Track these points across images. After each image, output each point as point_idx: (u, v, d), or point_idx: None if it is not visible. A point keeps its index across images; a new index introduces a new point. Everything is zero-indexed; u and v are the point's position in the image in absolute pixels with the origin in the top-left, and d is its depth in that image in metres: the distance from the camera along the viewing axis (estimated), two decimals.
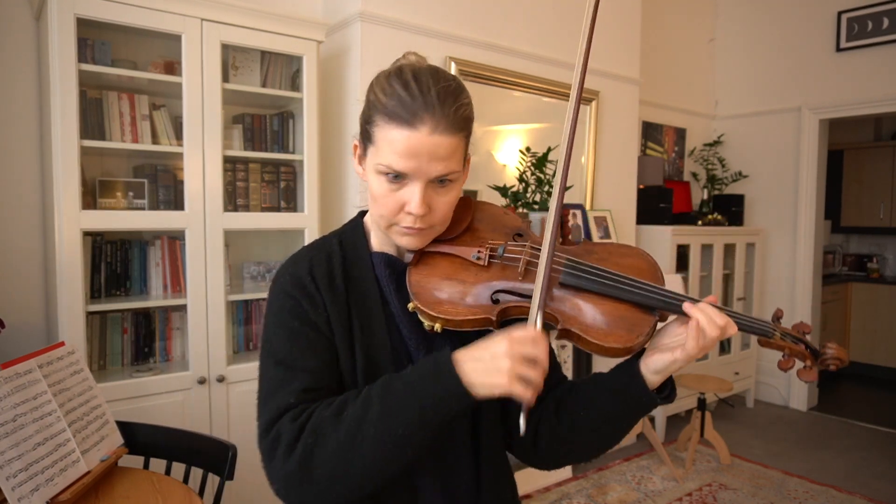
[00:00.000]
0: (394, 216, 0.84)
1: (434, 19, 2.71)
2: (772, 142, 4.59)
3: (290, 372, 0.81)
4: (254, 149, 2.38)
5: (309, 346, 0.83)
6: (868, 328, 5.52)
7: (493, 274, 0.87)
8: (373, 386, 0.77)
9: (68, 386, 1.44)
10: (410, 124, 0.78)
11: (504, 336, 0.73)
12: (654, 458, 3.44)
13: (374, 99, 0.83)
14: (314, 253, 0.90)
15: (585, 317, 0.84)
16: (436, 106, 0.79)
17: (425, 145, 0.79)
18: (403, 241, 0.87)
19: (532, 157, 2.97)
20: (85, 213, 1.90)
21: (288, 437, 0.76)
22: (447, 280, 0.87)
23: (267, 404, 0.81)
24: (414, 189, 0.81)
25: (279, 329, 0.84)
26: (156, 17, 1.98)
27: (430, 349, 0.89)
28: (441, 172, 0.81)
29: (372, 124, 0.82)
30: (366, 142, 0.85)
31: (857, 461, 3.51)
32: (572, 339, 0.84)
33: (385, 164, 0.80)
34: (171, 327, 2.24)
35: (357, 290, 0.88)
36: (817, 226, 4.40)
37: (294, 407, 0.79)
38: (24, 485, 1.21)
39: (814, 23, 4.32)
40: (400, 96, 0.79)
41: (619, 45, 3.57)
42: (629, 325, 0.82)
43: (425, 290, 0.86)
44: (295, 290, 0.85)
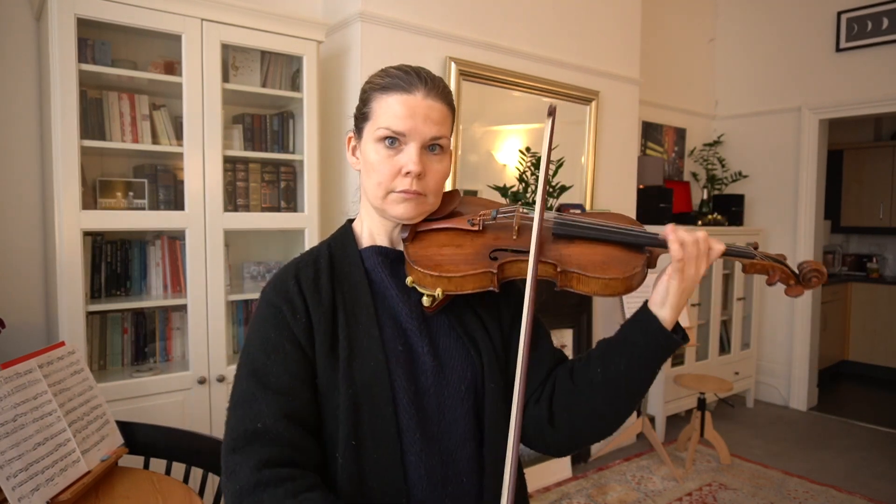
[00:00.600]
0: (391, 181, 0.88)
1: (434, 19, 2.71)
2: (772, 142, 4.59)
3: (262, 388, 0.83)
4: (254, 149, 2.38)
5: (284, 360, 0.85)
6: (868, 328, 5.52)
7: (488, 237, 0.93)
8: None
9: (68, 386, 1.44)
10: (406, 90, 0.87)
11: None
12: (654, 458, 3.44)
13: (369, 87, 0.92)
14: (302, 259, 0.95)
15: (582, 258, 0.88)
16: (426, 79, 0.89)
17: (420, 106, 0.87)
18: (400, 210, 0.89)
19: (532, 157, 2.97)
20: (85, 213, 1.90)
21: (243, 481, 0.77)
22: (445, 247, 0.91)
23: (234, 416, 0.83)
24: (410, 150, 0.87)
25: (257, 339, 0.87)
26: (156, 17, 1.98)
27: (429, 328, 0.92)
28: (434, 134, 0.88)
29: (367, 104, 0.91)
30: (361, 124, 0.92)
31: (857, 461, 3.51)
32: (572, 282, 0.87)
33: (384, 126, 0.87)
34: (171, 327, 2.24)
35: (345, 284, 0.92)
36: (817, 226, 4.40)
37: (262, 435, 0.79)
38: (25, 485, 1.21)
39: (814, 23, 4.32)
40: (394, 74, 0.89)
41: (619, 45, 3.57)
42: (623, 262, 0.88)
43: (425, 257, 0.89)
44: (277, 297, 0.89)
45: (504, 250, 0.90)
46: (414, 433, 0.85)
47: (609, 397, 0.88)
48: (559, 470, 3.12)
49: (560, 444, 0.94)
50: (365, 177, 0.92)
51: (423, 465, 0.85)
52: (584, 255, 0.89)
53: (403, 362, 0.88)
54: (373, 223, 0.97)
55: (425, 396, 0.88)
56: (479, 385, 0.91)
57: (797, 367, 4.47)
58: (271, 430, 0.80)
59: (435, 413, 0.88)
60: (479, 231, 0.93)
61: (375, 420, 0.84)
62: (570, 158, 3.28)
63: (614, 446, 3.53)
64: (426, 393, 0.88)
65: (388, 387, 0.85)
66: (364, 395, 0.84)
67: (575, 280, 0.86)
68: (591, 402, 0.89)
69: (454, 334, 0.93)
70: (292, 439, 0.81)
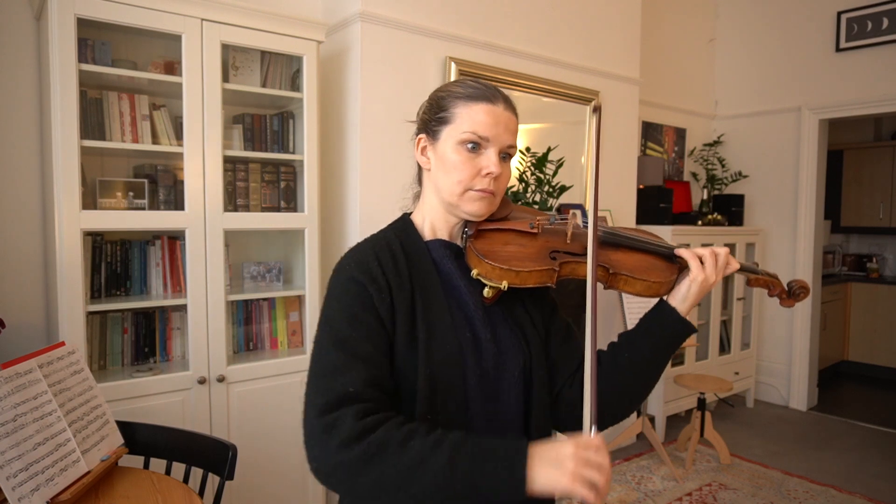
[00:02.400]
0: (471, 181, 0.97)
1: (434, 19, 2.71)
2: (772, 142, 4.59)
3: (349, 357, 0.88)
4: (254, 149, 2.38)
5: (368, 334, 0.91)
6: (868, 328, 5.52)
7: (545, 239, 1.04)
8: (448, 433, 0.83)
9: (68, 386, 1.44)
10: (490, 101, 0.98)
11: (572, 441, 0.82)
12: (654, 458, 3.44)
13: (447, 93, 1.01)
14: (375, 242, 1.02)
15: (629, 264, 1.03)
16: (501, 93, 1.01)
17: (503, 116, 0.98)
18: (475, 207, 0.99)
19: (532, 157, 2.97)
20: (85, 213, 1.90)
21: (348, 432, 0.81)
22: (508, 245, 1.02)
23: (323, 384, 0.87)
24: (490, 154, 0.98)
25: (341, 312, 0.93)
26: (156, 17, 1.98)
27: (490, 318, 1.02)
28: (511, 142, 1.00)
29: (448, 109, 0.99)
30: (439, 126, 1.00)
31: (857, 461, 3.51)
32: (620, 283, 1.02)
33: (470, 131, 0.96)
34: (171, 327, 2.24)
35: (417, 270, 1.00)
36: (817, 226, 4.40)
37: (355, 398, 0.85)
38: (25, 485, 1.22)
39: (814, 23, 4.32)
40: (475, 86, 1.00)
41: (619, 45, 3.57)
42: (662, 269, 1.04)
43: (493, 252, 0.99)
44: (362, 274, 0.95)
45: (560, 252, 1.02)
46: (479, 409, 0.96)
47: (635, 378, 1.03)
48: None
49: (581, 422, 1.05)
50: (442, 175, 1.00)
51: None
52: (631, 262, 1.04)
53: (471, 347, 0.97)
54: (436, 218, 1.05)
55: (486, 378, 0.98)
56: (528, 371, 1.02)
57: (797, 367, 4.47)
58: (362, 394, 0.86)
59: (493, 394, 0.98)
60: (536, 233, 1.04)
61: (448, 397, 0.93)
62: (570, 158, 3.28)
63: (614, 446, 3.53)
64: (487, 375, 0.98)
65: (460, 368, 0.95)
66: (440, 374, 0.93)
67: (622, 281, 1.02)
68: (619, 383, 1.02)
69: (508, 324, 1.03)
70: (379, 399, 0.88)
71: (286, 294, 2.45)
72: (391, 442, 0.80)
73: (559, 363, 1.08)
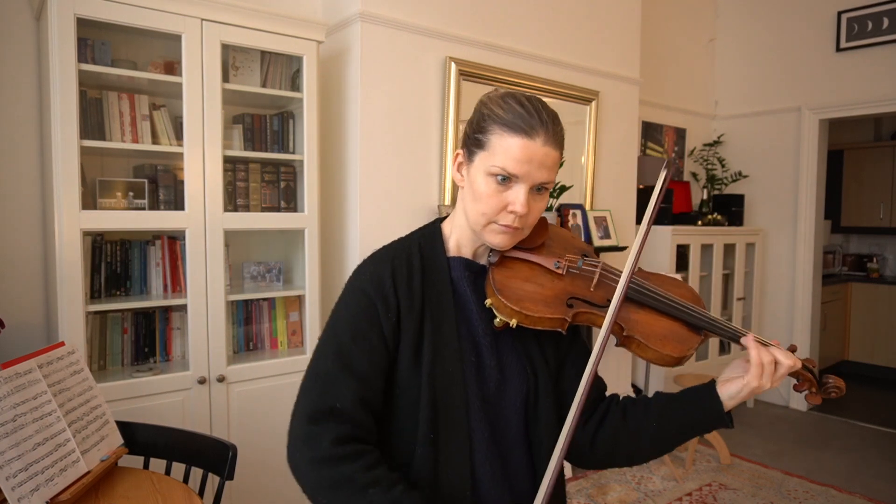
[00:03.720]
0: (495, 214, 0.94)
1: (434, 19, 2.71)
2: (772, 142, 4.59)
3: (346, 370, 0.91)
4: (254, 149, 2.37)
5: (369, 351, 0.92)
6: (868, 328, 5.52)
7: (567, 283, 0.99)
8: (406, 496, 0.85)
9: (68, 386, 1.44)
10: (528, 134, 0.90)
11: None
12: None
13: (489, 112, 0.94)
14: (396, 253, 1.00)
15: (646, 328, 0.97)
16: (548, 123, 0.92)
17: (538, 153, 0.91)
18: (497, 240, 0.96)
19: None
20: (85, 213, 1.90)
21: (322, 453, 0.85)
22: (528, 282, 0.97)
23: (315, 390, 0.90)
24: (519, 191, 0.92)
25: (347, 323, 0.94)
26: (156, 17, 1.98)
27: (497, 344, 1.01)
28: (545, 179, 0.93)
29: (486, 132, 0.93)
30: (475, 149, 0.95)
31: (857, 461, 3.51)
32: (632, 346, 0.97)
33: (500, 167, 0.91)
34: (171, 327, 2.24)
35: (433, 289, 0.98)
36: (817, 226, 4.40)
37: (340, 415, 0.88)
38: (24, 485, 1.21)
39: (814, 23, 4.32)
40: (517, 111, 0.92)
41: (619, 45, 3.57)
42: (681, 339, 0.97)
43: (509, 287, 0.95)
44: (373, 289, 0.95)
45: (580, 300, 0.97)
46: (482, 433, 0.96)
47: (653, 447, 1.01)
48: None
49: (591, 463, 1.07)
50: (470, 201, 0.96)
51: (487, 463, 0.96)
52: (649, 325, 0.98)
53: (474, 372, 0.97)
54: (462, 235, 1.03)
55: (488, 403, 0.98)
56: (532, 399, 1.01)
57: None
58: (347, 410, 0.88)
59: (495, 419, 0.98)
60: (561, 275, 0.99)
61: (450, 419, 0.93)
62: (570, 158, 3.28)
63: None
64: (489, 400, 0.98)
65: (462, 391, 0.95)
66: (441, 396, 0.93)
67: (635, 345, 0.96)
68: (635, 445, 1.01)
69: (516, 353, 1.02)
70: (363, 421, 0.90)
71: (286, 294, 2.45)
72: (354, 483, 0.84)
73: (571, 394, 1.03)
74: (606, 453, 1.03)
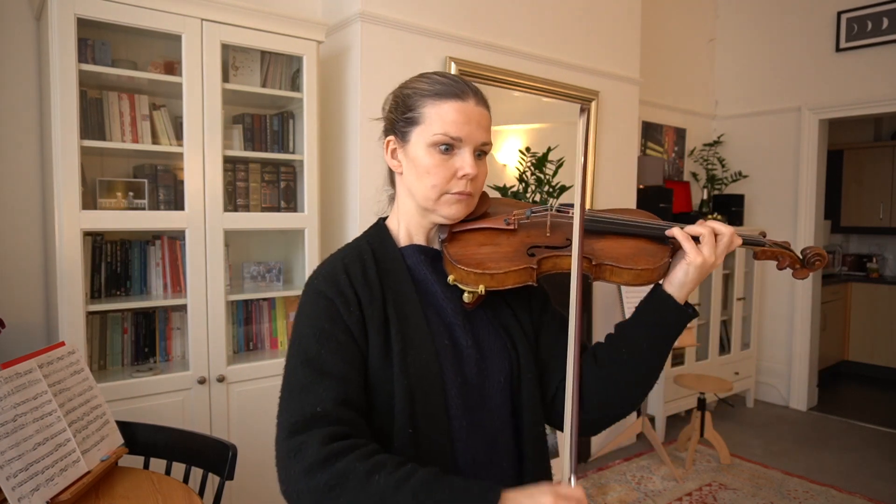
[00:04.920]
0: (446, 184, 0.93)
1: (434, 19, 2.71)
2: (772, 142, 4.59)
3: (318, 374, 0.85)
4: (254, 149, 2.38)
5: (338, 349, 0.87)
6: (868, 328, 5.52)
7: (522, 235, 0.98)
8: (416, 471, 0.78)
9: (68, 386, 1.44)
10: (460, 97, 0.92)
11: (551, 490, 0.77)
12: (654, 458, 3.44)
13: (413, 91, 0.95)
14: (346, 253, 0.98)
15: (613, 252, 0.95)
16: (473, 87, 0.95)
17: (475, 113, 0.93)
18: (453, 210, 0.95)
19: (532, 158, 2.97)
20: (85, 213, 1.90)
21: (312, 457, 0.79)
22: (483, 246, 0.96)
23: (292, 403, 0.85)
24: (465, 154, 0.93)
25: (309, 328, 0.89)
26: (156, 17, 1.98)
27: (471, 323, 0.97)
28: (485, 139, 0.95)
29: (416, 108, 0.93)
30: (408, 128, 0.94)
31: (857, 461, 3.51)
32: (605, 273, 0.95)
33: (441, 133, 0.91)
34: (171, 327, 2.24)
35: (391, 280, 0.95)
36: (817, 226, 4.40)
37: (323, 418, 0.82)
38: (25, 485, 1.21)
39: (814, 23, 4.32)
40: (442, 81, 0.94)
41: (619, 45, 3.57)
42: (651, 253, 0.95)
43: (466, 255, 0.94)
44: (329, 288, 0.91)
45: (540, 247, 0.96)
46: (461, 421, 0.92)
47: (634, 372, 0.96)
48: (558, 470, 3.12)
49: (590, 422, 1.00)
50: (415, 179, 0.95)
51: (469, 451, 0.92)
52: (616, 249, 0.96)
53: (451, 355, 0.93)
54: (411, 223, 1.00)
55: (469, 387, 0.94)
56: (516, 375, 0.97)
57: (797, 367, 4.47)
58: (330, 413, 0.83)
59: (478, 402, 0.94)
60: (514, 230, 0.98)
61: (428, 409, 0.89)
62: (571, 158, 3.28)
63: (614, 446, 3.52)
64: (470, 384, 0.94)
65: (439, 378, 0.91)
66: (418, 386, 0.89)
67: (608, 272, 0.94)
68: (621, 380, 0.96)
69: (492, 328, 0.99)
70: (351, 420, 0.84)
71: (286, 294, 2.45)
72: (355, 474, 0.77)
73: (551, 363, 1.02)
74: (597, 406, 0.98)
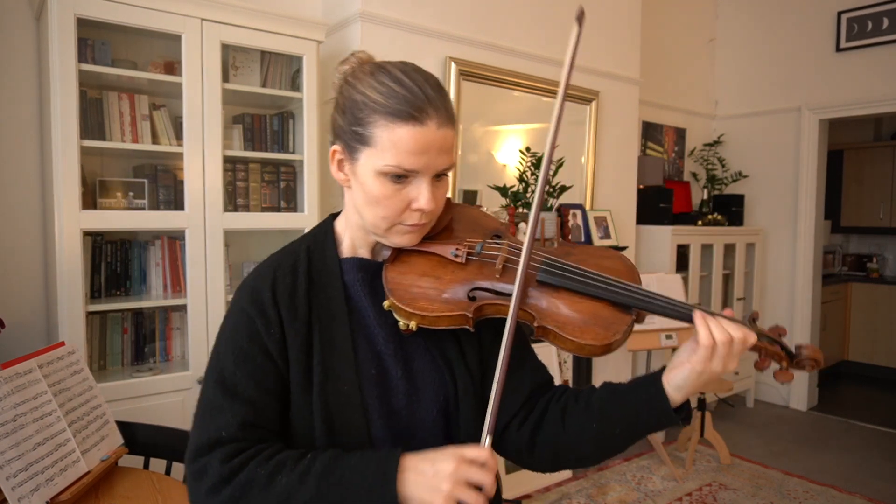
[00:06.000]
0: (398, 216, 0.82)
1: (434, 19, 2.71)
2: (772, 142, 4.59)
3: (230, 398, 0.80)
4: (254, 149, 2.38)
5: (254, 371, 0.82)
6: (868, 328, 5.52)
7: (470, 272, 0.86)
8: (315, 460, 0.76)
9: (68, 386, 1.44)
10: (418, 120, 0.77)
11: (453, 455, 0.72)
12: (654, 458, 3.44)
13: (365, 99, 0.80)
14: (280, 262, 0.89)
15: (561, 314, 0.83)
16: (435, 99, 0.79)
17: (435, 140, 0.78)
18: (404, 240, 0.86)
19: (532, 157, 2.97)
20: (85, 213, 1.90)
21: (214, 477, 0.75)
22: (424, 277, 0.86)
23: (202, 423, 0.81)
24: (421, 185, 0.80)
25: (229, 346, 0.84)
26: (156, 17, 1.98)
27: (404, 351, 0.89)
28: (447, 165, 0.81)
29: (366, 125, 0.79)
30: (356, 144, 0.81)
31: (857, 461, 3.51)
32: (549, 336, 0.83)
33: (394, 165, 0.78)
34: (171, 327, 2.24)
35: (321, 300, 0.87)
36: (817, 226, 4.40)
37: (227, 442, 0.78)
38: (24, 485, 1.21)
39: (814, 23, 4.32)
40: (399, 93, 0.78)
41: (619, 45, 3.57)
42: (606, 323, 0.81)
43: (401, 286, 0.85)
44: (252, 307, 0.84)
45: (484, 290, 0.85)
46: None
47: (597, 448, 0.88)
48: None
49: (537, 467, 0.94)
50: (364, 205, 0.83)
51: None
52: (565, 310, 0.83)
53: (376, 385, 0.86)
54: (356, 235, 0.91)
55: (397, 418, 0.87)
56: (453, 408, 0.89)
57: None
58: (235, 436, 0.79)
59: (405, 435, 0.87)
60: (461, 263, 0.87)
61: (350, 440, 0.83)
62: (570, 158, 3.28)
63: None
64: (398, 415, 0.87)
65: (360, 409, 0.84)
66: (338, 416, 0.83)
67: (552, 336, 0.83)
68: (578, 449, 0.88)
69: (429, 356, 0.90)
70: (258, 438, 0.80)
71: None
72: (257, 480, 0.74)
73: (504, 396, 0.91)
74: (549, 458, 0.91)
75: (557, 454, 0.90)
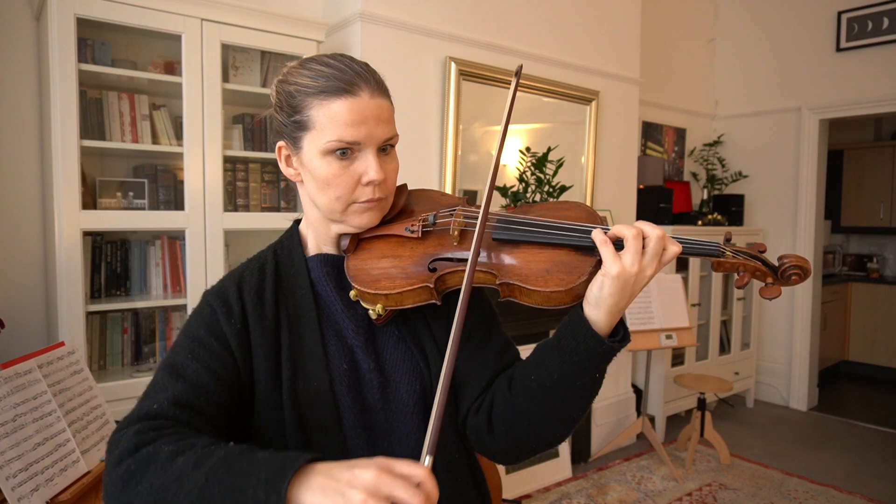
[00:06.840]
0: (351, 193, 0.83)
1: (434, 19, 2.71)
2: (772, 142, 4.59)
3: (174, 379, 0.77)
4: (254, 149, 2.38)
5: (205, 357, 0.79)
6: (868, 328, 5.52)
7: (428, 245, 0.87)
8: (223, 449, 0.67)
9: (68, 386, 1.44)
10: (350, 92, 0.80)
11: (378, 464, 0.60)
12: (654, 458, 3.44)
13: (296, 87, 0.82)
14: (248, 265, 0.91)
15: (522, 267, 0.80)
16: (364, 73, 0.82)
17: (370, 108, 0.80)
18: (364, 219, 0.86)
19: (532, 157, 2.97)
20: (85, 213, 1.90)
21: (122, 447, 0.69)
22: (384, 258, 0.86)
23: (139, 402, 0.77)
24: (367, 157, 0.82)
25: (187, 336, 0.83)
26: (156, 17, 1.98)
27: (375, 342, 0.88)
28: (388, 134, 0.83)
29: (302, 110, 0.81)
30: (297, 133, 0.83)
31: (857, 461, 3.51)
32: (514, 293, 0.81)
33: (335, 139, 0.79)
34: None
35: (289, 298, 0.88)
36: (817, 226, 4.40)
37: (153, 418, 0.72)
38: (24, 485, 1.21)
39: (814, 23, 4.32)
40: (326, 73, 0.81)
41: (619, 45, 3.57)
42: (568, 268, 0.78)
43: (363, 271, 0.85)
44: (215, 300, 0.85)
45: (444, 259, 0.84)
46: (363, 448, 0.84)
47: (545, 405, 0.81)
48: (559, 470, 3.12)
49: (503, 452, 0.88)
50: (318, 191, 0.84)
51: None
52: (527, 263, 0.80)
53: (348, 380, 0.85)
54: (318, 232, 0.91)
55: (372, 413, 0.85)
56: (430, 396, 0.87)
57: (797, 367, 4.47)
58: (165, 412, 0.73)
59: (383, 429, 0.85)
60: (418, 238, 0.87)
61: (323, 437, 0.82)
62: (570, 158, 3.28)
63: (614, 446, 3.52)
64: (373, 409, 0.85)
65: (333, 406, 0.83)
66: (309, 415, 0.81)
67: (518, 291, 0.80)
68: (527, 411, 0.82)
69: (403, 346, 0.89)
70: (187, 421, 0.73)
71: None
72: (158, 457, 0.66)
73: (465, 381, 0.90)
74: (506, 435, 0.84)
75: (512, 428, 0.84)
